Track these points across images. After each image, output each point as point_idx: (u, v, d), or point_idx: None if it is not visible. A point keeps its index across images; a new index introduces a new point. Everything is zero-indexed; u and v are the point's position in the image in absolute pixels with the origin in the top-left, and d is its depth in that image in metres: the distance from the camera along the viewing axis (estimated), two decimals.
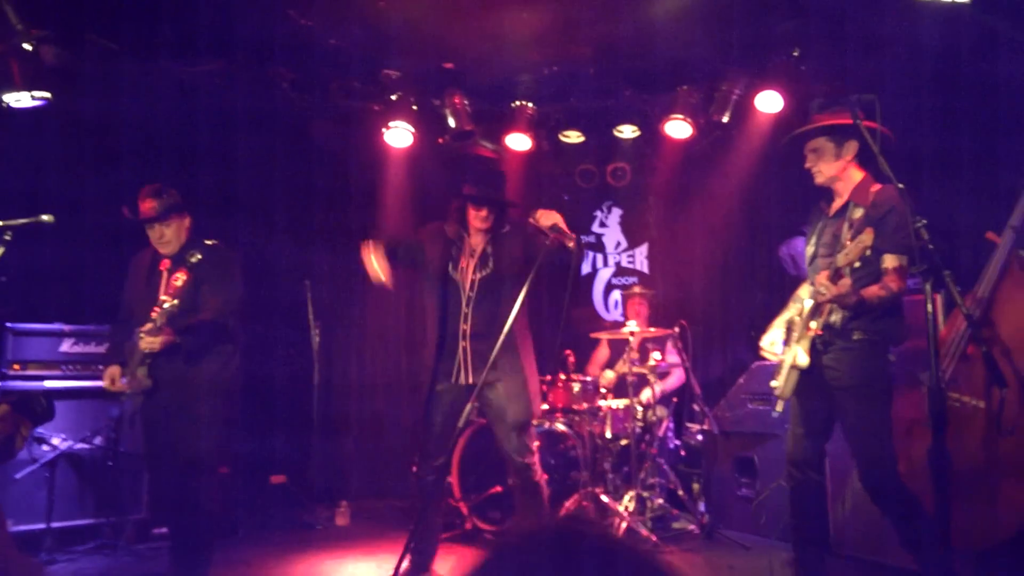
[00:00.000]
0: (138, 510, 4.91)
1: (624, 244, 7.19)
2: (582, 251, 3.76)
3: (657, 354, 5.42)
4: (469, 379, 3.89)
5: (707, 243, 6.63)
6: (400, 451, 6.52)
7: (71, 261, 4.94)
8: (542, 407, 5.12)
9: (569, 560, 1.07)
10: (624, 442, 5.15)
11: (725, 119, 5.70)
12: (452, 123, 5.99)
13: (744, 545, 4.72)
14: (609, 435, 5.14)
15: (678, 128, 5.90)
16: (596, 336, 5.70)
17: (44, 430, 4.56)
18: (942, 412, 2.65)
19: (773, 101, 5.49)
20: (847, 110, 3.19)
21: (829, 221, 3.46)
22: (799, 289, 3.65)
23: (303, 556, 4.77)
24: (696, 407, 5.40)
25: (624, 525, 4.71)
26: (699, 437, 5.49)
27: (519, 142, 6.23)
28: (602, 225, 7.25)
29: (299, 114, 6.19)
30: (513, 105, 6.12)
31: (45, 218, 3.45)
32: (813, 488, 3.44)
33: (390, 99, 5.97)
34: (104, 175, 5.18)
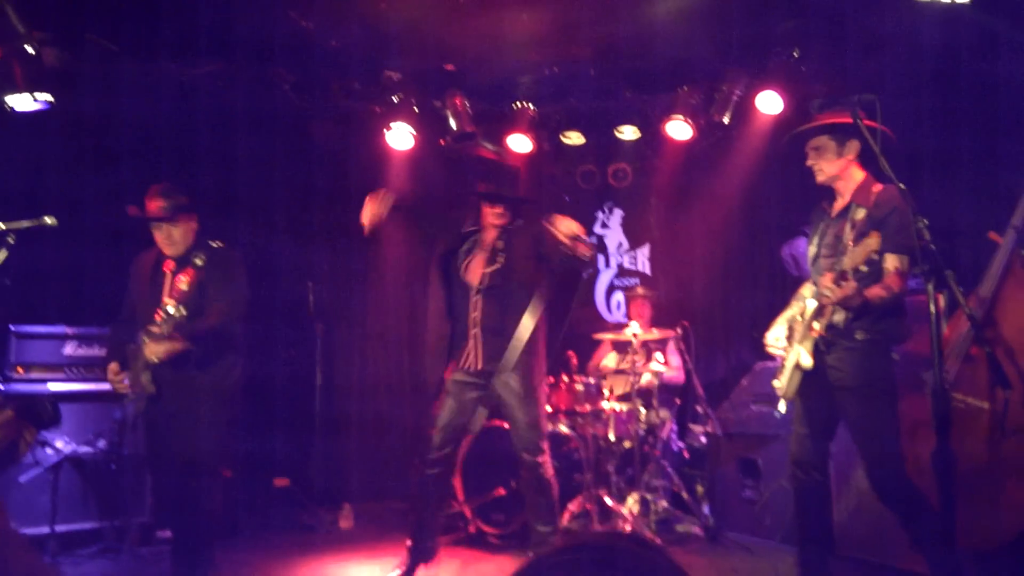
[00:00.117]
0: (141, 513, 4.91)
1: (626, 245, 7.19)
2: (595, 259, 3.80)
3: (660, 355, 5.41)
4: (479, 365, 3.92)
5: (709, 244, 6.62)
6: (403, 452, 6.51)
7: (71, 262, 4.93)
8: (545, 408, 5.13)
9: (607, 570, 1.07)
10: (627, 444, 5.15)
11: (726, 120, 5.70)
12: (453, 124, 5.99)
13: (748, 548, 4.72)
14: (612, 437, 5.14)
15: (679, 129, 5.90)
16: (599, 337, 5.70)
17: (48, 433, 4.56)
18: (946, 413, 2.64)
19: (773, 102, 5.49)
20: (848, 110, 3.18)
21: (831, 222, 3.46)
22: (801, 288, 3.65)
23: (306, 559, 4.77)
24: (699, 409, 5.39)
25: (628, 528, 4.71)
26: (702, 439, 5.48)
27: (520, 143, 6.23)
28: (604, 226, 7.24)
29: (299, 114, 6.18)
30: (514, 106, 6.12)
31: (48, 221, 3.42)
32: (817, 489, 3.44)
33: (391, 100, 5.97)
34: (104, 175, 5.18)
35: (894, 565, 4.02)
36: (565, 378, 5.38)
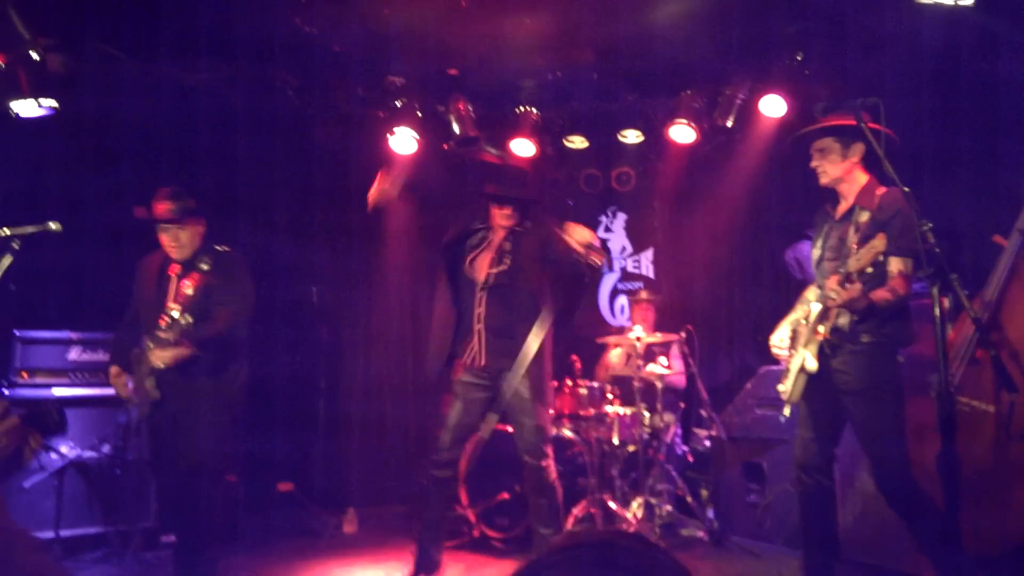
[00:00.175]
0: (146, 518, 4.89)
1: (629, 249, 7.18)
2: (607, 265, 3.81)
3: (664, 359, 5.40)
4: (482, 361, 3.93)
5: (712, 247, 6.61)
6: (406, 454, 6.51)
7: (72, 263, 4.92)
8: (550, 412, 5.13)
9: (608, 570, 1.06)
10: (631, 448, 5.14)
11: (729, 123, 5.70)
12: (456, 129, 6.00)
13: (753, 552, 4.70)
14: (616, 441, 5.12)
15: (682, 132, 5.90)
16: (603, 341, 5.69)
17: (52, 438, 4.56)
18: (951, 417, 2.63)
19: (777, 105, 5.48)
20: (852, 113, 3.18)
21: (835, 225, 3.45)
22: (805, 291, 3.64)
23: (309, 564, 4.76)
24: (703, 412, 5.38)
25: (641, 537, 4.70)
26: (707, 443, 5.47)
27: (523, 147, 6.23)
28: (607, 230, 7.23)
29: (300, 115, 6.16)
30: (517, 111, 6.13)
31: (53, 226, 3.41)
32: (822, 493, 3.43)
33: (394, 105, 5.98)
34: (105, 176, 5.18)
35: (899, 569, 4.00)
36: (569, 382, 5.37)
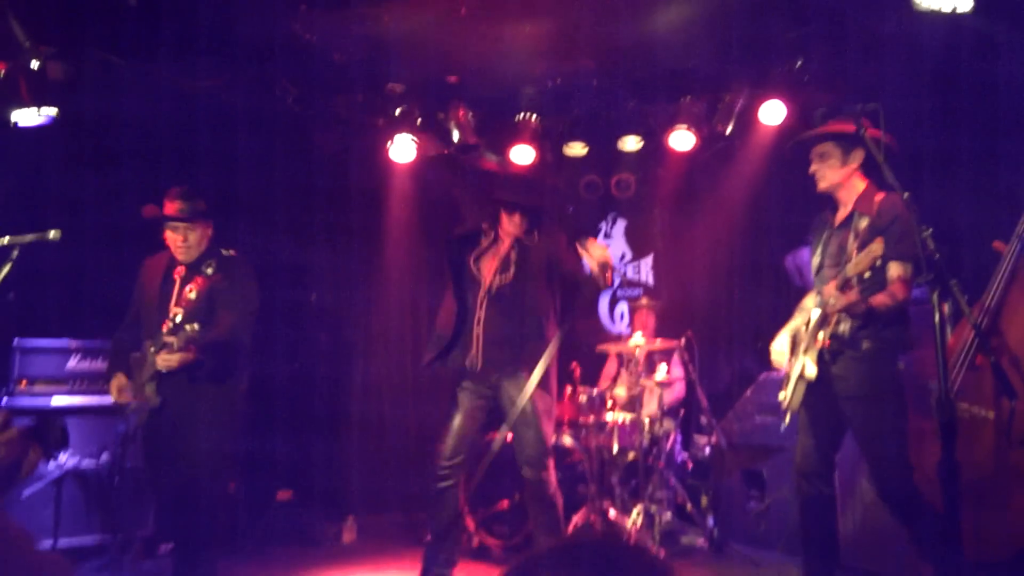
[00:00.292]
0: (145, 527, 4.88)
1: (629, 255, 7.18)
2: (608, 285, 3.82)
3: (664, 366, 5.39)
4: (479, 365, 3.91)
5: (712, 253, 6.61)
6: (406, 458, 6.49)
7: (71, 266, 4.90)
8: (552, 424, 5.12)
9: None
10: (631, 456, 5.12)
11: (728, 130, 5.70)
12: (456, 136, 6.01)
13: (754, 560, 4.68)
14: (616, 449, 5.11)
15: (682, 139, 5.91)
16: (603, 349, 5.68)
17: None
18: (951, 423, 2.62)
19: (776, 112, 5.49)
20: (852, 119, 3.18)
21: (834, 231, 3.45)
22: (805, 299, 3.63)
23: (309, 573, 4.74)
24: (703, 419, 5.37)
25: (632, 540, 4.68)
26: (707, 450, 5.45)
27: (523, 154, 6.23)
28: (607, 236, 7.24)
29: (300, 116, 6.17)
30: (517, 117, 6.13)
31: (52, 235, 3.39)
32: (822, 500, 3.41)
33: (393, 113, 5.98)
34: (105, 177, 5.17)
35: None
36: (569, 390, 5.36)
